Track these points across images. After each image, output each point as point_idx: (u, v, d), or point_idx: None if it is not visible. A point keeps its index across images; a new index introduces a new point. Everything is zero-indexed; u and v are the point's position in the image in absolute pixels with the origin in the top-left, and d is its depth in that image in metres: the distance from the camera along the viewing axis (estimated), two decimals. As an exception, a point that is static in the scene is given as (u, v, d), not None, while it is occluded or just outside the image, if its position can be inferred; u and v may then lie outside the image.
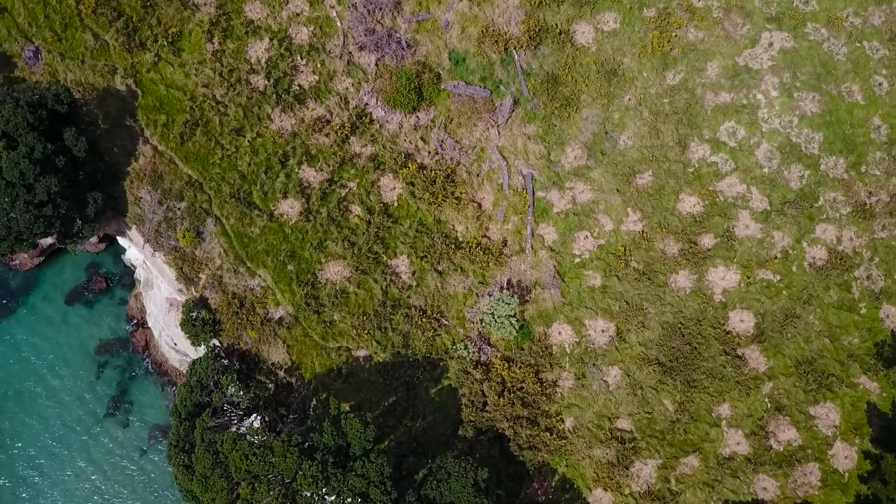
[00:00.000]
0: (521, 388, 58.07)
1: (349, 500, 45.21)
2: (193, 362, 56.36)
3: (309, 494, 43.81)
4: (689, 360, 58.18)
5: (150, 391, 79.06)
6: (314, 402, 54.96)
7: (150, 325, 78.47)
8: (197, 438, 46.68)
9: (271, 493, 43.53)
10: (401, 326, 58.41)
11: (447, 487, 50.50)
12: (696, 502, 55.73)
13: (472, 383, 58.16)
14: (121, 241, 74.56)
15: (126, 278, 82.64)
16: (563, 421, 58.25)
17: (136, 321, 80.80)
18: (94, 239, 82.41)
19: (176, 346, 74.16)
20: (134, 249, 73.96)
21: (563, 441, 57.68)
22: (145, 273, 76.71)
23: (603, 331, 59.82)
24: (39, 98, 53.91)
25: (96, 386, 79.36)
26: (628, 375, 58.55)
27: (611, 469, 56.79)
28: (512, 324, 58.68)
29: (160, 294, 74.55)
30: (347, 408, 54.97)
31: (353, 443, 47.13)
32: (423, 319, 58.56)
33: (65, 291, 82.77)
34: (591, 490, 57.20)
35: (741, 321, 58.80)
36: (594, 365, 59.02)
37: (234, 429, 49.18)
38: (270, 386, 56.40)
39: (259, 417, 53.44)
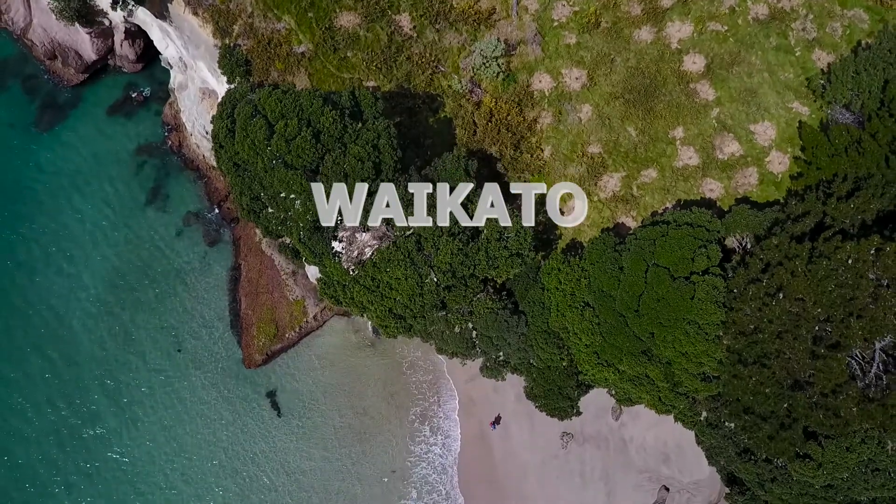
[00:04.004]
0: (507, 118, 68.33)
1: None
2: (228, 91, 66.67)
3: (330, 135, 54.07)
4: (650, 94, 68.35)
5: (184, 184, 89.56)
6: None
7: (183, 120, 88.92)
8: (237, 100, 57.05)
9: (301, 132, 53.84)
10: (404, 66, 68.79)
11: (443, 168, 60.97)
12: (654, 202, 65.94)
13: (465, 114, 68.48)
14: (158, 41, 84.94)
15: (161, 92, 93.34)
16: (542, 150, 68.52)
17: (170, 126, 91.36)
18: (132, 56, 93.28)
19: (207, 135, 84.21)
20: (171, 48, 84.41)
21: (542, 163, 67.94)
22: (181, 75, 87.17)
23: (577, 78, 70.03)
24: None
25: (136, 180, 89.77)
26: (598, 110, 68.74)
27: (582, 181, 67.04)
28: (499, 65, 68.91)
29: (194, 87, 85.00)
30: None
31: (366, 110, 57.50)
32: (423, 60, 68.97)
33: (106, 105, 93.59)
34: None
35: (693, 63, 68.95)
36: (569, 103, 69.25)
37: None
38: (294, 110, 66.48)
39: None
